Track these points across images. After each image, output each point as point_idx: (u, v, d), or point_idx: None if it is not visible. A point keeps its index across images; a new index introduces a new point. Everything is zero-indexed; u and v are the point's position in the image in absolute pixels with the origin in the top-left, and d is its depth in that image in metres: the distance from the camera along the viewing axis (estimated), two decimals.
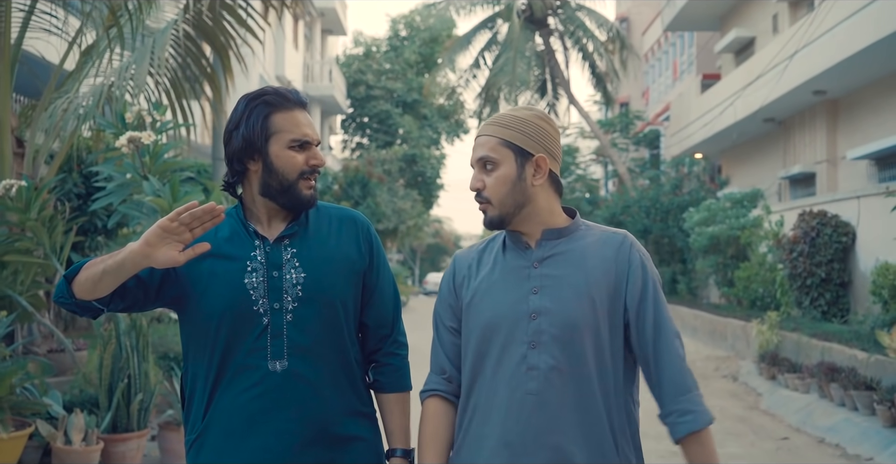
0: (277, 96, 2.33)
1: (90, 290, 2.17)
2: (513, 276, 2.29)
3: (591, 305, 2.22)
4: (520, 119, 2.27)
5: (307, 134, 2.33)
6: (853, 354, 9.32)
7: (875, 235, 11.33)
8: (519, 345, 2.23)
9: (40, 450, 6.23)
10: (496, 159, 2.25)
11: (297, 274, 2.32)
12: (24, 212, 6.52)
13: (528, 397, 2.20)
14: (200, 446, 2.33)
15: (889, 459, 7.09)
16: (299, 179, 2.32)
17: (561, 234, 2.30)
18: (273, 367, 2.28)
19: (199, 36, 8.40)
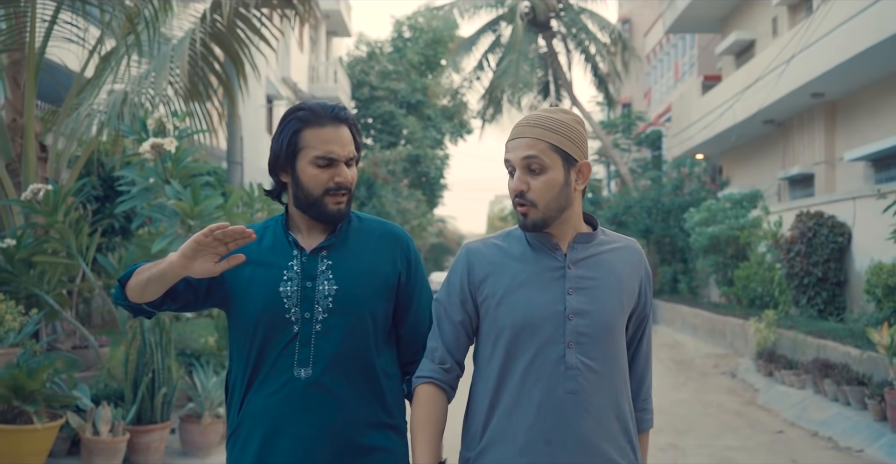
0: (310, 112, 2.36)
1: (139, 295, 2.32)
2: (545, 276, 2.30)
3: (621, 308, 2.31)
4: (566, 124, 2.28)
5: (332, 151, 2.35)
6: (847, 351, 9.62)
7: (870, 236, 11.62)
8: (556, 345, 2.25)
9: (69, 441, 6.55)
10: (546, 164, 2.26)
11: (329, 286, 2.37)
12: (51, 215, 6.83)
13: (568, 397, 2.24)
14: (234, 440, 2.44)
15: (878, 451, 7.40)
16: (325, 195, 2.36)
17: (590, 238, 2.36)
18: (298, 374, 2.33)
19: (214, 44, 8.71)
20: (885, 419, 7.86)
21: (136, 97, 7.97)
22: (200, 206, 6.63)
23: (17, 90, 8.24)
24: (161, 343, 6.57)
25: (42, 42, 8.14)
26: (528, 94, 27.58)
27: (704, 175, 23.72)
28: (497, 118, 27.97)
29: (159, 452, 6.66)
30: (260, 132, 23.76)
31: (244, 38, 8.75)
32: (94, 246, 7.20)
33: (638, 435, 2.41)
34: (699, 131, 22.71)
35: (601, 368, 2.26)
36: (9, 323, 6.29)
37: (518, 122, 2.35)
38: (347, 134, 2.39)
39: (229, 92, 9.16)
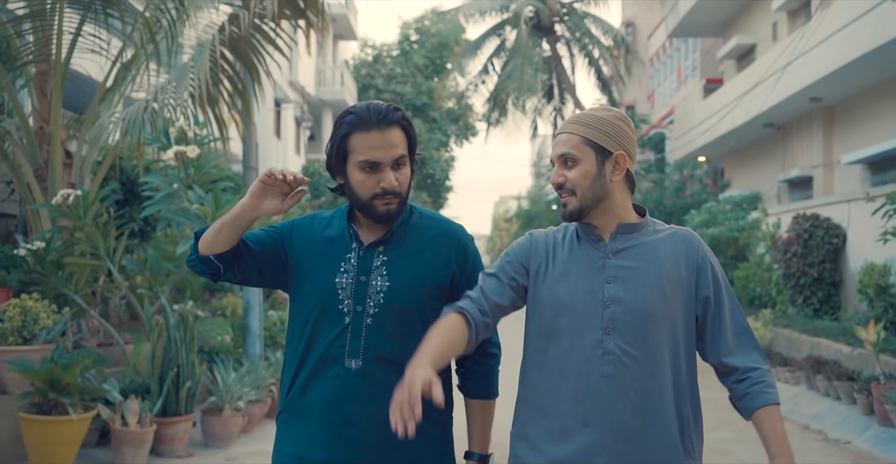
0: (357, 117, 2.38)
1: (210, 243, 2.38)
2: (588, 265, 2.39)
3: (663, 296, 2.34)
4: (601, 119, 2.38)
5: (377, 157, 2.37)
6: (839, 348, 10.00)
7: (863, 237, 11.98)
8: (594, 330, 2.33)
9: (98, 432, 6.96)
10: (577, 156, 2.36)
11: (382, 282, 2.42)
12: (81, 218, 7.23)
13: (605, 381, 2.30)
14: (283, 422, 2.52)
15: (864, 442, 7.77)
16: (372, 199, 2.40)
17: (633, 228, 2.42)
18: (349, 364, 2.39)
19: (231, 53, 9.10)
20: (873, 413, 8.23)
21: (157, 106, 8.37)
22: (222, 210, 7.02)
23: (44, 99, 8.62)
24: (185, 340, 6.97)
25: (67, 53, 8.51)
26: (533, 98, 27.95)
27: (706, 177, 24.07)
28: (502, 121, 28.36)
29: (183, 442, 7.06)
30: (268, 135, 24.15)
31: (259, 48, 9.15)
32: (121, 248, 7.58)
33: (754, 412, 2.35)
34: (701, 134, 23.07)
35: (640, 354, 2.31)
36: (43, 321, 6.68)
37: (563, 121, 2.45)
38: (397, 136, 2.40)
39: (245, 99, 9.54)
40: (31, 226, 8.39)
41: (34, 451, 6.22)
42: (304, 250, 2.49)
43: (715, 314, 2.40)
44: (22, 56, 8.63)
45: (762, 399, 2.34)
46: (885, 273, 10.41)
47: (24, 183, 8.30)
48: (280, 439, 2.52)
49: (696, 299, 2.39)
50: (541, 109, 28.59)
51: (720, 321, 2.40)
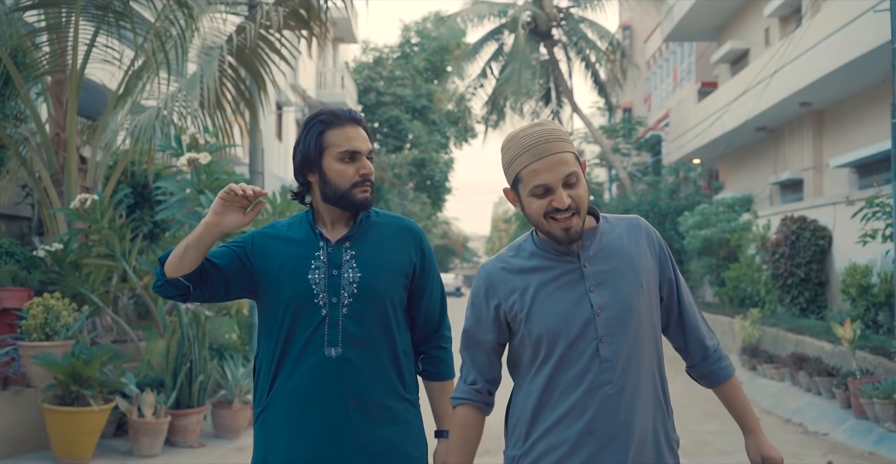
0: (331, 115, 2.60)
1: (177, 265, 2.48)
2: (566, 279, 2.36)
3: (642, 289, 2.37)
4: (563, 131, 2.36)
5: (356, 146, 2.58)
6: (821, 345, 10.43)
7: (848, 239, 12.36)
8: (590, 341, 2.30)
9: (115, 424, 7.38)
10: (578, 173, 2.31)
11: (353, 274, 2.59)
12: (98, 222, 7.64)
13: (607, 387, 2.29)
14: (265, 419, 2.63)
15: (841, 434, 8.19)
16: (352, 187, 2.58)
17: (595, 232, 2.40)
18: (329, 353, 2.55)
19: (238, 63, 9.51)
20: (850, 406, 8.65)
21: (168, 112, 8.78)
22: None
23: (60, 108, 9.03)
24: (198, 337, 7.39)
25: (82, 63, 8.91)
26: (530, 101, 28.36)
27: (700, 179, 24.47)
28: (500, 124, 28.76)
29: (195, 433, 7.48)
30: (270, 138, 24.51)
31: (265, 57, 9.57)
32: (135, 249, 8.00)
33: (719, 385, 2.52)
34: (695, 137, 23.47)
35: (635, 354, 2.33)
36: (64, 318, 7.10)
37: (526, 142, 2.31)
38: (364, 132, 2.63)
39: (251, 107, 9.97)
40: (48, 228, 8.80)
41: (57, 440, 6.64)
42: (270, 256, 2.63)
43: (677, 295, 2.49)
44: (39, 66, 9.04)
45: (725, 373, 2.51)
46: (867, 274, 10.82)
47: (41, 187, 8.71)
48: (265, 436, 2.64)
49: (661, 283, 2.45)
50: (538, 112, 28.99)
51: (682, 302, 2.49)
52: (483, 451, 2.69)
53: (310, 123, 2.61)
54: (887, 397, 7.85)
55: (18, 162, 8.95)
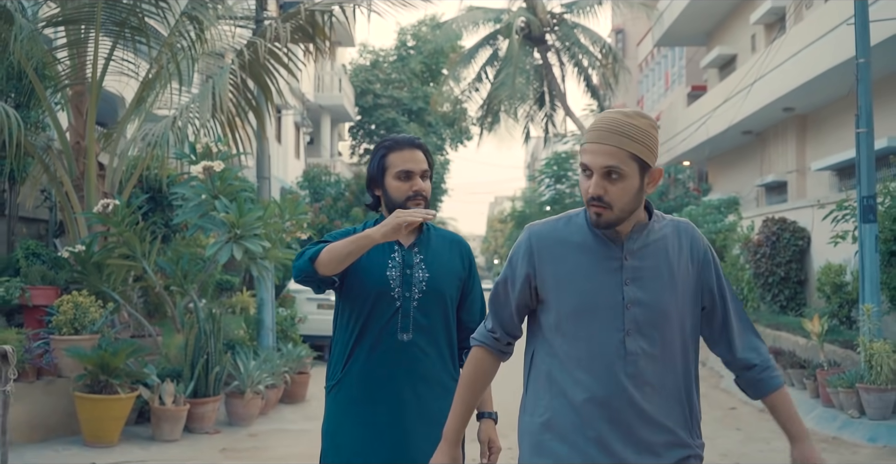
0: (393, 142, 3.11)
1: (335, 267, 2.88)
2: (605, 265, 2.39)
3: (675, 294, 2.39)
4: (644, 131, 2.32)
5: (410, 167, 3.05)
6: (796, 340, 11.07)
7: (825, 240, 12.97)
8: (615, 332, 2.35)
9: (137, 411, 7.99)
10: (625, 172, 2.31)
11: (422, 273, 3.07)
12: (119, 225, 8.25)
13: (629, 380, 2.33)
14: (338, 391, 3.06)
15: (809, 421, 8.83)
16: (407, 200, 3.04)
17: (645, 228, 2.42)
18: (401, 337, 3.01)
19: (246, 75, 10.11)
20: (818, 396, 9.30)
21: (182, 123, 9.38)
22: (245, 217, 8.05)
23: (80, 117, 9.62)
24: (214, 331, 8.02)
25: (101, 75, 9.50)
26: (524, 105, 28.95)
27: (690, 181, 25.07)
28: (495, 127, 29.34)
29: (212, 420, 8.11)
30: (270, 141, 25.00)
31: (272, 70, 10.18)
32: (154, 251, 8.61)
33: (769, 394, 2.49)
34: (685, 139, 24.09)
35: (660, 354, 2.36)
36: (91, 314, 7.71)
37: (597, 123, 2.37)
38: (421, 155, 3.10)
39: (259, 116, 10.57)
40: (69, 231, 9.40)
41: (86, 426, 7.27)
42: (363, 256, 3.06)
43: (721, 305, 2.47)
44: (60, 79, 9.65)
45: (771, 384, 2.48)
46: (841, 272, 11.46)
47: (62, 192, 9.31)
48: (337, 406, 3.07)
49: (703, 291, 2.46)
50: (532, 116, 29.57)
51: (726, 313, 2.48)
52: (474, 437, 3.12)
53: (377, 148, 3.12)
54: (850, 387, 8.49)
55: (41, 168, 9.54)
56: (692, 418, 2.42)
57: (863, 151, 9.23)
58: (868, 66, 9.36)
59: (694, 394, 2.43)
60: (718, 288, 2.46)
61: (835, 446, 7.91)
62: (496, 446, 3.12)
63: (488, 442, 3.12)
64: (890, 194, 9.63)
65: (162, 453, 7.29)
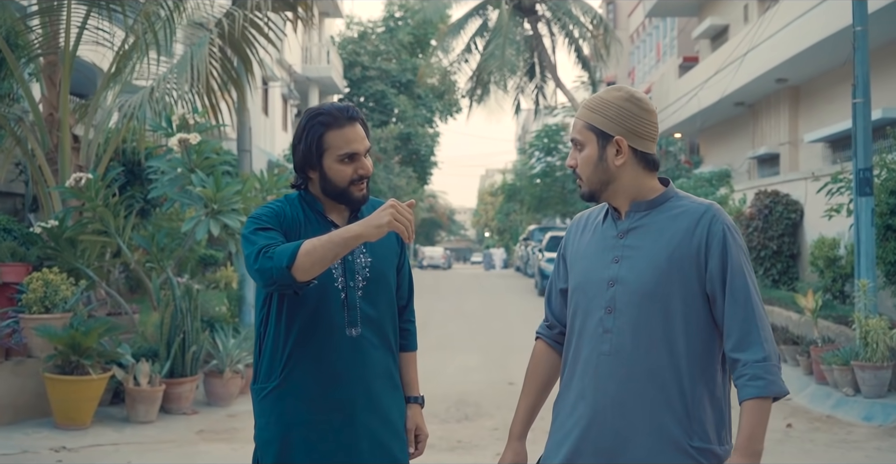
0: (329, 117, 2.66)
1: (317, 272, 2.49)
2: (601, 244, 2.43)
3: (663, 275, 2.32)
4: (605, 101, 2.38)
5: (355, 148, 2.66)
6: (789, 315, 10.87)
7: (818, 213, 12.76)
8: (598, 309, 2.38)
9: (111, 392, 7.75)
10: (581, 141, 2.40)
11: (364, 258, 2.74)
12: (93, 199, 7.97)
13: (602, 358, 2.35)
14: (281, 394, 2.67)
15: (803, 399, 8.64)
16: (350, 186, 2.69)
17: (648, 206, 2.39)
18: (350, 333, 2.69)
19: (225, 45, 9.80)
20: (812, 373, 9.10)
21: (160, 94, 9.08)
22: (222, 192, 7.79)
23: (53, 88, 9.31)
24: (190, 309, 7.76)
25: (74, 45, 9.18)
26: (514, 77, 28.63)
27: (681, 153, 24.84)
28: (485, 99, 29.02)
29: (189, 400, 7.87)
30: (256, 113, 24.72)
31: (252, 39, 9.86)
32: (129, 226, 8.34)
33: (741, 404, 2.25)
34: (676, 112, 23.82)
35: (636, 332, 2.32)
36: (62, 292, 7.45)
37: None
38: (362, 130, 2.71)
39: (239, 87, 10.27)
40: (44, 205, 9.12)
41: (57, 407, 7.02)
42: (294, 238, 2.67)
43: (721, 294, 2.31)
44: (32, 48, 9.32)
45: (744, 392, 2.23)
46: (835, 246, 11.26)
47: (35, 165, 9.02)
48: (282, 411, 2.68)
49: (706, 279, 2.31)
50: (523, 87, 29.27)
51: (726, 303, 2.30)
52: (462, 416, 2.92)
53: (309, 124, 2.68)
54: (845, 364, 8.29)
55: (14, 141, 9.24)
56: (691, 414, 2.28)
57: (859, 122, 8.96)
58: (865, 35, 9.07)
59: (698, 387, 2.29)
60: (725, 279, 2.29)
61: (829, 425, 7.71)
62: (423, 434, 2.90)
63: (415, 430, 2.88)
64: (887, 167, 9.38)
65: (136, 436, 7.05)
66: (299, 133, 2.71)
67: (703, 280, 2.31)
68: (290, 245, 2.50)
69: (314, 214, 2.75)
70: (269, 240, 2.58)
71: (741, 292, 2.29)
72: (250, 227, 2.66)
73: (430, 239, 66.67)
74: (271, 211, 2.72)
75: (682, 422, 2.28)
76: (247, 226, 2.67)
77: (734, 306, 2.28)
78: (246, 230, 2.65)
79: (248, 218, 2.72)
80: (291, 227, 2.70)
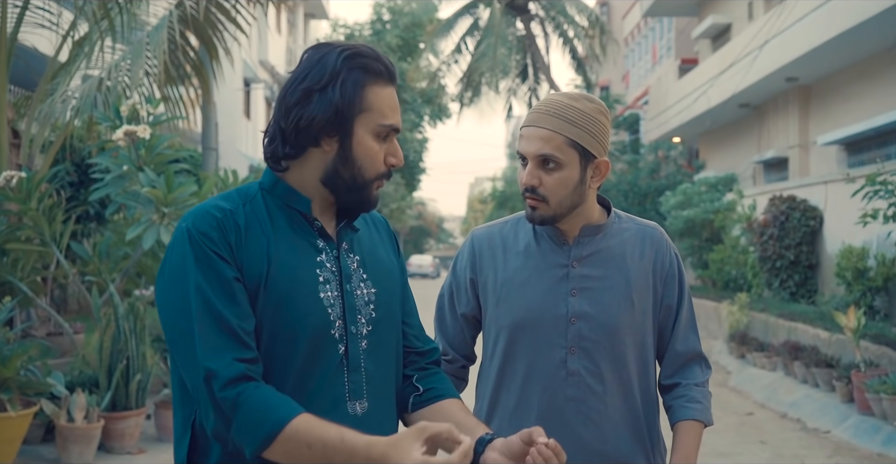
0: (379, 64, 1.73)
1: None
2: (548, 273, 2.15)
3: (632, 308, 2.15)
4: (588, 116, 2.07)
5: (397, 122, 1.77)
6: (816, 333, 9.77)
7: (841, 219, 11.74)
8: (557, 349, 2.12)
9: (43, 428, 6.61)
10: (561, 160, 2.06)
11: (367, 289, 1.79)
12: (25, 202, 6.83)
13: (569, 403, 2.12)
14: None
15: (844, 432, 7.53)
16: (375, 179, 1.77)
17: (598, 230, 2.19)
18: (353, 410, 1.73)
19: (188, 30, 8.70)
20: (852, 401, 7.99)
21: (111, 83, 7.98)
22: (174, 193, 6.65)
23: None
24: (135, 330, 6.61)
25: (14, 27, 8.10)
26: (507, 78, 27.63)
27: (681, 158, 23.85)
28: (475, 101, 28.02)
29: (134, 438, 6.70)
30: (237, 116, 23.70)
31: (218, 24, 8.76)
32: (67, 233, 7.21)
33: (674, 425, 2.20)
34: (676, 115, 22.83)
35: (609, 373, 2.13)
36: None
37: (536, 106, 2.13)
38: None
39: (203, 77, 9.16)
40: None
41: None
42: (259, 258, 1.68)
43: (671, 324, 2.25)
44: None
45: (682, 413, 2.20)
46: (864, 256, 10.20)
47: None
48: None
49: (660, 307, 2.23)
50: (515, 90, 28.26)
51: (673, 332, 2.25)
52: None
53: (349, 63, 1.70)
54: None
55: None
56: (654, 449, 2.22)
57: None
58: None
59: (656, 422, 2.23)
60: (678, 306, 2.23)
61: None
62: None
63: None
64: None
65: None
66: (325, 74, 1.68)
67: (657, 309, 2.21)
68: (268, 417, 1.54)
69: (294, 218, 1.74)
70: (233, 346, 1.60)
71: (690, 321, 2.26)
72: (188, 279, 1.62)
73: (418, 248, 65.73)
74: (214, 221, 1.67)
75: (649, 453, 2.21)
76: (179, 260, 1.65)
77: (683, 334, 2.24)
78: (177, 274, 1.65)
79: (179, 232, 1.68)
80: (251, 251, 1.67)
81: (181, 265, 1.64)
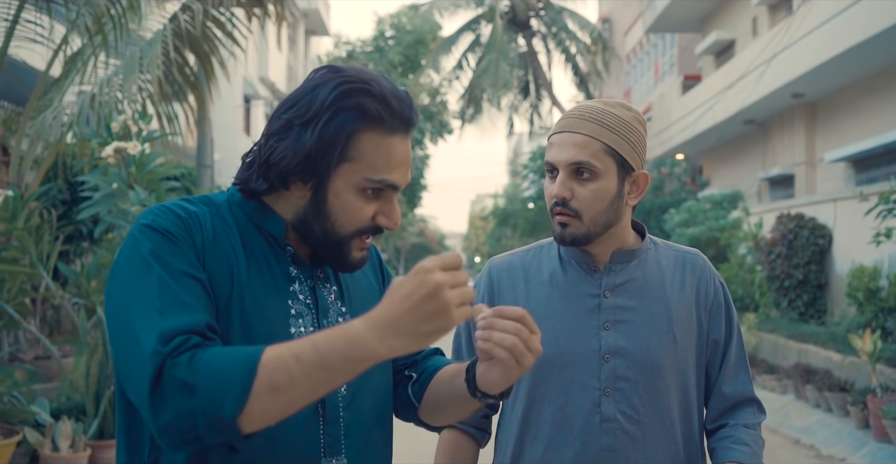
0: (385, 107, 1.44)
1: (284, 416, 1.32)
2: (577, 304, 1.92)
3: (673, 343, 1.92)
4: (626, 124, 1.87)
5: (395, 179, 1.47)
6: (828, 355, 9.51)
7: (851, 238, 11.50)
8: (590, 391, 1.89)
9: (28, 456, 6.32)
10: (597, 169, 1.84)
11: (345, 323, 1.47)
12: (11, 221, 6.59)
13: (604, 454, 1.87)
14: None
15: (861, 460, 7.26)
16: (354, 235, 1.50)
17: (632, 256, 1.96)
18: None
19: (183, 45, 8.50)
20: (868, 427, 7.73)
21: (104, 99, 7.77)
22: None
23: None
24: None
25: (4, 42, 7.91)
26: (508, 94, 27.50)
27: (685, 175, 23.65)
28: (477, 118, 27.88)
29: None
30: (237, 133, 23.53)
31: (214, 39, 8.57)
32: (55, 253, 6.97)
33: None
34: (679, 131, 22.64)
35: (649, 418, 1.89)
36: None
37: (569, 111, 1.92)
38: (410, 150, 1.52)
39: (198, 94, 8.95)
40: None
41: None
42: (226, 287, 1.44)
43: (718, 362, 2.00)
44: None
45: (728, 454, 1.93)
46: (875, 276, 9.94)
47: None
48: None
49: (705, 343, 1.98)
50: (517, 106, 28.14)
51: (721, 371, 2.00)
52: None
53: (343, 101, 1.42)
54: None
55: None
56: None
57: None
58: None
59: (697, 454, 1.97)
60: (726, 341, 1.98)
61: None
62: None
63: None
64: None
65: None
66: (314, 108, 1.42)
67: (702, 345, 1.97)
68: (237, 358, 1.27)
69: (264, 239, 1.51)
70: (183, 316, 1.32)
71: (740, 359, 2.03)
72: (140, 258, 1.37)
73: None
74: (178, 220, 1.43)
75: None
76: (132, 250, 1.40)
77: (732, 373, 2.00)
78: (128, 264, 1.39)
79: (137, 228, 1.44)
80: (215, 267, 1.43)
81: (136, 260, 1.38)
